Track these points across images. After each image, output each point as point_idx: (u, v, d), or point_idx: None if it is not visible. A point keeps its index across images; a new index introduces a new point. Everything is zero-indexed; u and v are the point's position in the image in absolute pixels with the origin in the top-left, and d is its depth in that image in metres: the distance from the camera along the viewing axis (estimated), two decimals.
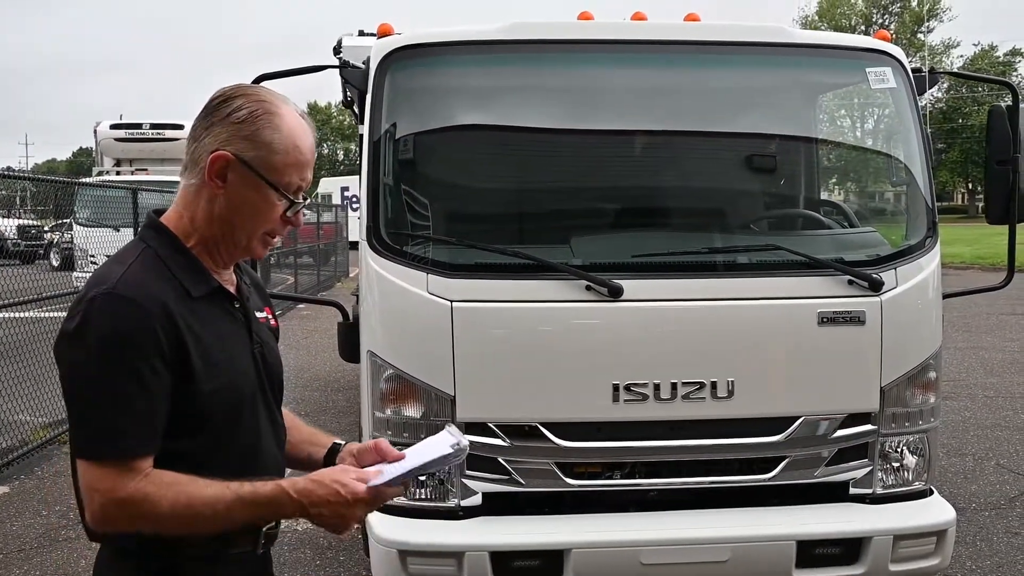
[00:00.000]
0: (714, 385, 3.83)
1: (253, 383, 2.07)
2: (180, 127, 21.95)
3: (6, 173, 11.01)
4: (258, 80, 4.06)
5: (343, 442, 2.29)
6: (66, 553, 5.89)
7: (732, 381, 3.83)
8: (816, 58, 4.40)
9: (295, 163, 1.98)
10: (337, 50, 7.16)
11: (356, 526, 1.99)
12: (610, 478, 3.94)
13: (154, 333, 1.85)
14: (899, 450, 4.07)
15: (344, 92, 5.64)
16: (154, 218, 2.05)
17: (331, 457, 2.26)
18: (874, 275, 3.92)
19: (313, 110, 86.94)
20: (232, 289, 2.12)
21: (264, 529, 2.05)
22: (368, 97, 4.02)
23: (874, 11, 73.37)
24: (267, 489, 1.89)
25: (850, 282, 3.92)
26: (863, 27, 70.33)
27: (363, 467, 2.08)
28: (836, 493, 4.07)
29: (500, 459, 3.80)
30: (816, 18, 72.58)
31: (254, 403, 2.07)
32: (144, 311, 1.85)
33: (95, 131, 22.39)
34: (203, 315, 1.97)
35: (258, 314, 2.19)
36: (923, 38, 66.32)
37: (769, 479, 3.95)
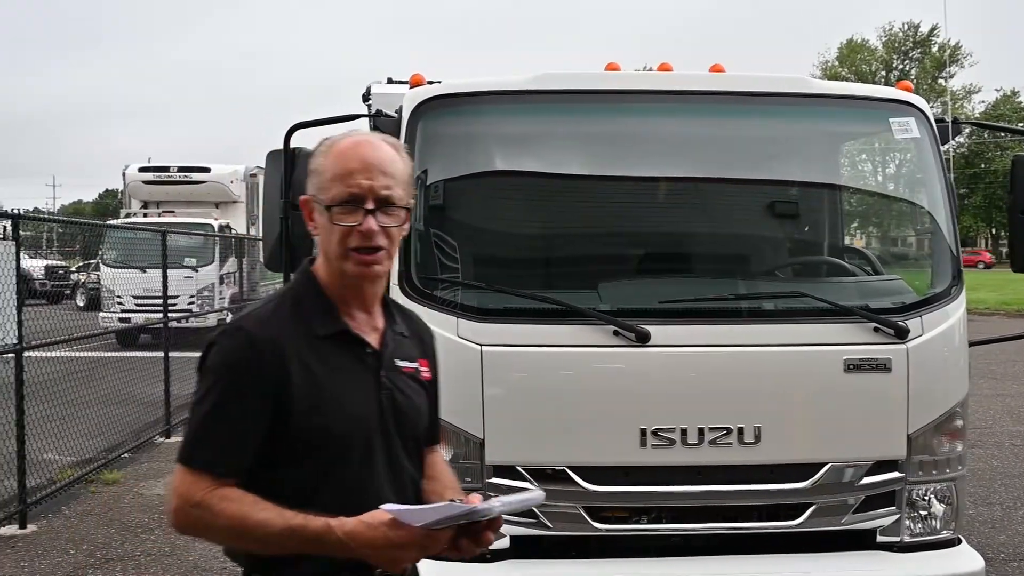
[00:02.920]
0: (741, 431, 3.85)
1: (371, 427, 2.13)
2: (207, 170, 22.29)
3: (38, 216, 11.18)
4: (293, 129, 4.18)
5: (458, 500, 2.25)
6: None
7: (759, 427, 3.86)
8: (839, 108, 4.47)
9: (336, 175, 2.09)
10: (366, 97, 7.30)
11: (407, 566, 2.02)
12: (637, 523, 3.95)
13: (257, 366, 2.03)
14: (927, 498, 4.07)
15: None
16: (306, 264, 2.23)
17: None
18: (900, 322, 3.95)
19: None
20: (373, 335, 2.20)
21: (377, 570, 2.08)
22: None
23: (894, 57, 73.61)
24: (316, 524, 1.94)
25: (876, 329, 3.95)
26: (883, 73, 70.52)
27: None
28: (863, 541, 4.06)
29: None
30: (836, 64, 72.85)
31: (369, 446, 2.12)
32: (253, 345, 2.04)
33: (124, 174, 22.72)
34: (324, 354, 2.10)
35: (404, 363, 2.25)
36: (944, 83, 66.40)
37: (796, 526, 3.95)
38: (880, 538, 4.04)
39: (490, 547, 3.76)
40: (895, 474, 4.00)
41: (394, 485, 2.17)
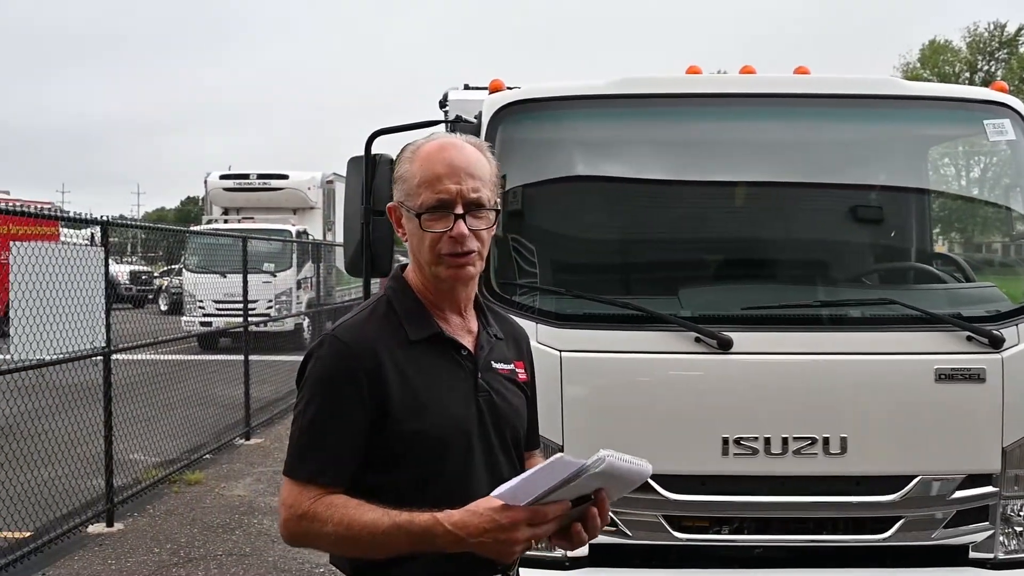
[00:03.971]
0: (826, 441, 3.75)
1: (469, 429, 2.12)
2: (285, 177, 22.74)
3: (124, 222, 11.49)
4: (373, 136, 4.21)
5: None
6: None
7: (845, 437, 3.76)
8: (929, 110, 4.34)
9: (424, 182, 2.08)
10: (443, 103, 7.35)
11: (521, 550, 1.92)
12: (718, 533, 3.89)
13: (355, 375, 2.03)
14: (1022, 514, 3.91)
15: None
16: (397, 270, 2.25)
17: None
18: (994, 331, 3.81)
19: None
20: (468, 338, 2.20)
21: None
22: None
23: (979, 57, 71.40)
24: (422, 519, 1.92)
25: (969, 338, 3.82)
26: (967, 74, 68.53)
27: None
28: (954, 557, 3.92)
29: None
30: (918, 65, 70.96)
31: (467, 449, 2.11)
32: (350, 354, 2.05)
33: (205, 181, 23.30)
34: (419, 359, 2.10)
35: (500, 365, 2.24)
36: None
37: (884, 540, 3.84)
38: (972, 554, 3.90)
39: (569, 554, 3.76)
40: (988, 488, 3.86)
41: (492, 489, 2.10)
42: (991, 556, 3.89)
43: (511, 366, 2.29)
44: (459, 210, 2.07)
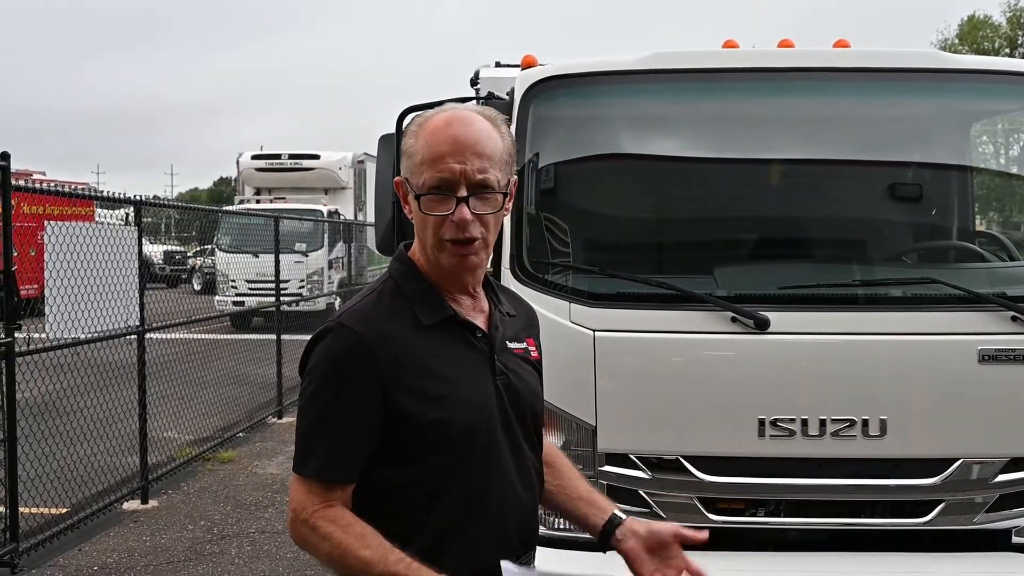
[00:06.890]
0: (865, 423, 3.68)
1: (491, 415, 2.01)
2: (316, 157, 22.82)
3: (158, 202, 11.50)
4: (404, 113, 4.18)
5: (624, 516, 2.20)
6: (212, 567, 6.11)
7: (884, 419, 3.68)
8: (973, 84, 4.22)
9: (426, 160, 1.93)
10: (474, 81, 7.28)
11: None
12: (754, 515, 3.83)
13: (366, 364, 1.90)
14: None
15: None
16: (402, 250, 2.11)
17: (609, 529, 2.18)
18: None
19: None
20: (480, 318, 2.08)
21: None
22: (512, 127, 4.05)
23: (1019, 33, 69.95)
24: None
25: (1014, 318, 3.72)
26: (1007, 50, 67.18)
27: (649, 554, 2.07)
28: (996, 542, 3.84)
29: (641, 492, 3.74)
30: (956, 41, 69.64)
31: (492, 438, 2.01)
32: (361, 343, 1.91)
33: (238, 161, 23.42)
34: (435, 344, 1.97)
35: (514, 344, 2.14)
36: None
37: (924, 523, 3.76)
38: (1015, 539, 3.81)
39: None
40: None
41: (521, 478, 2.07)
42: None
43: (524, 344, 2.18)
44: (462, 192, 1.91)
